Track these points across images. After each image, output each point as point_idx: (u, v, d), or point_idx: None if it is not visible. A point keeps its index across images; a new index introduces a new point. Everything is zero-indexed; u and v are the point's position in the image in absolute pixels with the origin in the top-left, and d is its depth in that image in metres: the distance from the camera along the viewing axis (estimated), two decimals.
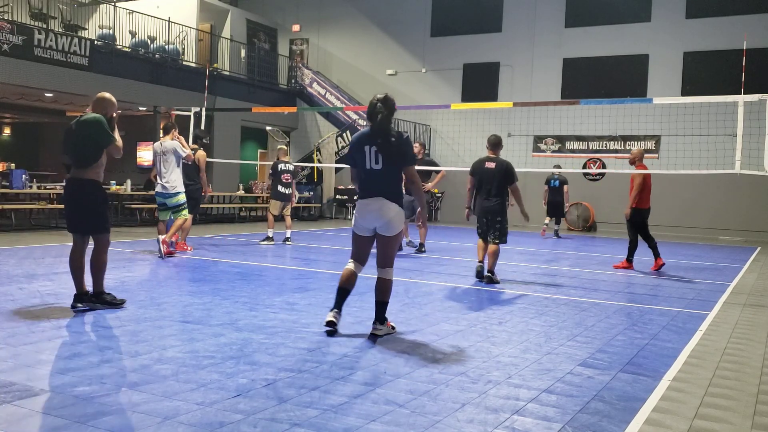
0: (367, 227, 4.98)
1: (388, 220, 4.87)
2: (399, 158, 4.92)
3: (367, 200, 4.93)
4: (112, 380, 3.66)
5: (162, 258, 8.98)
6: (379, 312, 4.99)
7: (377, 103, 4.93)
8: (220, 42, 21.25)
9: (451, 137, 20.64)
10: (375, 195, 4.90)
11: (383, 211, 4.87)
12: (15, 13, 16.48)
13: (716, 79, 17.32)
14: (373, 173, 4.91)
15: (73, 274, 5.60)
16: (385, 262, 4.99)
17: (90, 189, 5.52)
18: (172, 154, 9.37)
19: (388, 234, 4.94)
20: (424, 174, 11.21)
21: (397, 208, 4.90)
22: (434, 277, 8.39)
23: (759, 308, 6.91)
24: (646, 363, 4.49)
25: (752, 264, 11.32)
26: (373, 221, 4.92)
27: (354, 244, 5.12)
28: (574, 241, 15.12)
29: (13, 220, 12.74)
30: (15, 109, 20.14)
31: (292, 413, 3.25)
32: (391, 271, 5.02)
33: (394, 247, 5.01)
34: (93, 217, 5.54)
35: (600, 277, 9.00)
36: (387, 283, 4.99)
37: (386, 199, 4.88)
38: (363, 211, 4.95)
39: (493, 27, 21.00)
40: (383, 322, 5.00)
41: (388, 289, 4.99)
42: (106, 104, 5.72)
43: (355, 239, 5.10)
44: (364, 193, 4.97)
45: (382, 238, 4.97)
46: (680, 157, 16.75)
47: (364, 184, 4.99)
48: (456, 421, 3.25)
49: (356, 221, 5.02)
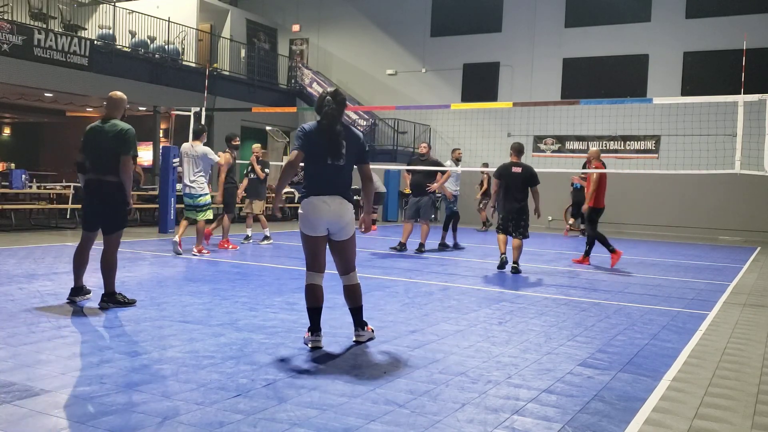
0: (321, 227, 4.52)
1: (346, 223, 4.54)
2: (357, 155, 4.62)
3: (325, 197, 4.48)
4: (112, 380, 3.66)
5: (179, 255, 9.33)
6: (356, 317, 4.76)
7: (326, 96, 4.57)
8: (220, 42, 21.25)
9: (451, 137, 20.62)
10: (334, 193, 4.50)
11: (342, 212, 4.50)
12: (15, 13, 16.48)
13: (716, 79, 17.32)
14: (333, 169, 4.51)
15: (76, 269, 5.77)
16: (348, 267, 4.67)
17: (111, 190, 5.64)
18: (201, 159, 9.52)
19: (345, 238, 4.59)
20: (430, 174, 11.20)
21: (352, 209, 4.60)
22: (434, 277, 8.39)
23: (759, 308, 6.91)
24: (646, 363, 4.49)
25: (752, 264, 11.32)
26: (329, 222, 4.50)
27: (307, 249, 4.63)
28: (574, 241, 15.12)
29: (13, 220, 12.74)
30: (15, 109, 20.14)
31: (292, 413, 3.25)
32: (356, 275, 4.72)
33: (353, 250, 4.68)
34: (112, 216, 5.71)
35: (600, 277, 9.00)
36: (356, 287, 4.71)
37: (344, 199, 4.54)
38: (319, 208, 4.47)
39: (493, 27, 20.99)
40: (364, 327, 4.79)
41: (358, 294, 4.73)
42: (123, 104, 5.99)
43: (308, 243, 4.60)
44: (321, 189, 4.50)
45: (339, 244, 4.60)
46: (680, 157, 16.73)
47: (318, 179, 4.52)
48: (456, 421, 3.25)
49: (307, 220, 4.52)
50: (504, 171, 9.05)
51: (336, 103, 4.56)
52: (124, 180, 5.64)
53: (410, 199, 11.46)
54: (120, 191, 5.66)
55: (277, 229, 15.31)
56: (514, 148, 9.12)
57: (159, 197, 13.90)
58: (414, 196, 11.25)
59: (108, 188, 5.64)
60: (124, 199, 5.71)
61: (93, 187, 5.70)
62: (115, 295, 5.72)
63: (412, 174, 11.29)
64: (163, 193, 13.44)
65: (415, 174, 11.18)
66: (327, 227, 4.55)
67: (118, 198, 5.67)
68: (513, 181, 8.95)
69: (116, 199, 5.67)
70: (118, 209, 5.71)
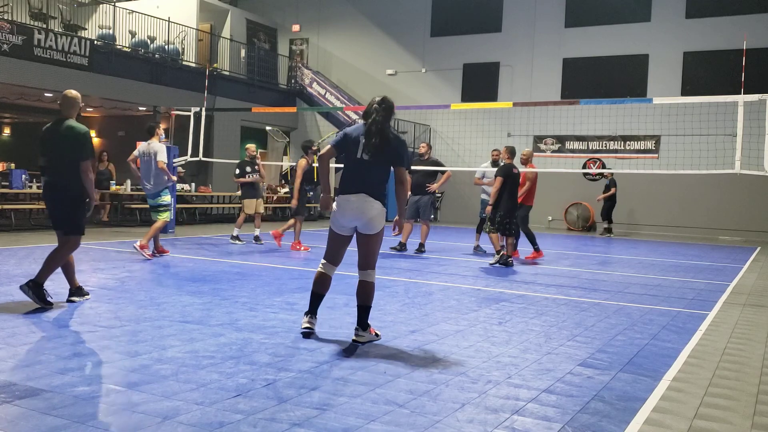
0: (347, 225, 4.73)
1: (370, 218, 4.64)
2: (393, 157, 4.72)
3: (349, 196, 4.66)
4: (112, 380, 3.66)
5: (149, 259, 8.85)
6: (361, 317, 4.74)
7: (374, 104, 4.80)
8: (220, 42, 21.25)
9: (451, 137, 20.64)
10: (358, 191, 4.66)
11: (365, 208, 4.63)
12: (15, 13, 16.48)
13: (716, 79, 17.32)
14: (362, 165, 4.68)
15: (63, 272, 5.79)
16: (367, 263, 4.75)
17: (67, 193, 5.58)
18: (155, 155, 9.05)
19: (370, 232, 4.69)
20: (430, 174, 11.23)
21: (380, 207, 4.66)
22: (434, 277, 8.39)
23: (759, 308, 6.91)
24: (646, 363, 4.49)
25: (752, 264, 11.32)
26: (353, 219, 4.67)
27: (330, 242, 4.86)
28: (574, 241, 15.12)
29: (13, 220, 12.74)
30: (15, 109, 20.13)
31: (292, 413, 3.25)
32: (374, 274, 4.77)
33: (376, 248, 4.77)
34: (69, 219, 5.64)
35: (600, 277, 9.00)
36: (369, 286, 4.74)
37: (369, 196, 4.65)
38: (344, 207, 4.68)
39: (493, 27, 21.00)
40: (366, 328, 4.75)
41: (370, 293, 4.75)
42: (77, 103, 5.86)
43: (332, 238, 4.84)
44: (348, 188, 4.70)
45: (363, 237, 4.73)
46: (680, 157, 16.74)
47: (348, 178, 4.74)
48: (456, 421, 3.25)
49: (335, 218, 4.76)
50: (507, 172, 9.49)
51: (382, 109, 4.77)
52: (86, 184, 5.56)
53: (410, 198, 11.44)
54: (77, 194, 5.57)
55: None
56: (511, 151, 9.73)
57: None
58: (413, 195, 11.26)
59: (64, 191, 5.57)
60: (80, 203, 5.62)
61: (50, 190, 5.63)
62: (41, 287, 5.57)
63: (412, 174, 11.30)
64: None
65: (415, 174, 11.19)
66: (353, 224, 4.72)
67: (75, 201, 5.58)
68: (515, 182, 9.62)
69: (73, 202, 5.58)
70: (74, 212, 5.61)
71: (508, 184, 9.47)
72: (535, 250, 10.50)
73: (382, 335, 4.94)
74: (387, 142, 4.71)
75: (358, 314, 4.77)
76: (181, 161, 13.64)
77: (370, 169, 4.69)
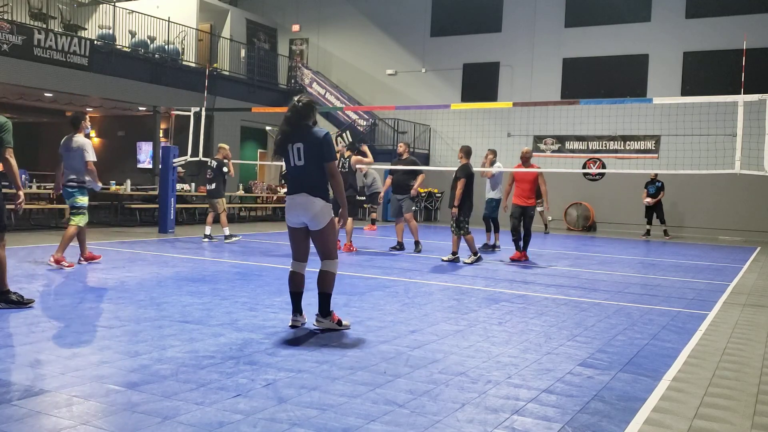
0: (295, 221, 5.05)
1: (313, 214, 4.94)
2: (318, 155, 4.96)
3: (293, 195, 5.02)
4: (112, 380, 3.66)
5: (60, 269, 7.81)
6: (321, 304, 5.07)
7: (294, 104, 5.05)
8: (219, 42, 21.25)
9: (451, 137, 20.64)
10: (299, 191, 4.98)
11: (307, 206, 4.94)
12: (15, 13, 16.47)
13: (716, 79, 17.32)
14: (297, 170, 5.00)
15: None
16: (325, 254, 5.08)
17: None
18: (76, 153, 8.01)
19: (317, 228, 4.99)
20: (409, 173, 11.27)
21: (322, 203, 4.95)
22: (434, 277, 8.39)
23: (759, 308, 6.91)
24: (646, 363, 4.49)
25: (752, 264, 11.32)
26: (299, 216, 5.00)
27: (290, 239, 5.19)
28: (574, 241, 15.12)
29: (13, 220, 12.73)
30: (15, 109, 20.13)
31: (292, 413, 3.25)
32: (333, 264, 5.07)
33: (328, 240, 5.05)
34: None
35: (600, 277, 9.00)
36: (328, 275, 5.06)
37: (309, 195, 4.94)
38: (290, 205, 5.04)
39: (493, 27, 21.00)
40: (326, 315, 5.06)
41: (329, 281, 5.06)
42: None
43: (290, 233, 5.17)
44: (291, 189, 5.06)
45: (314, 233, 5.04)
46: (680, 157, 16.74)
47: (291, 181, 5.08)
48: (456, 421, 3.25)
49: (287, 216, 5.12)
50: (468, 172, 9.74)
51: (295, 108, 5.02)
52: (9, 175, 5.47)
53: (391, 197, 11.59)
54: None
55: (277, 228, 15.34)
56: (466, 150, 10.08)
57: (159, 197, 13.89)
58: (395, 194, 11.36)
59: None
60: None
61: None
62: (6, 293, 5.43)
63: (394, 174, 11.39)
64: (162, 193, 13.43)
65: (396, 173, 11.29)
66: (300, 220, 5.01)
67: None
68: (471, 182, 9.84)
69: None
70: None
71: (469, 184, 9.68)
72: (517, 250, 10.31)
73: (382, 335, 4.94)
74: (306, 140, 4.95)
75: (319, 300, 5.08)
76: (181, 161, 13.64)
77: (305, 171, 4.98)
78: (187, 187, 16.85)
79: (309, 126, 5.04)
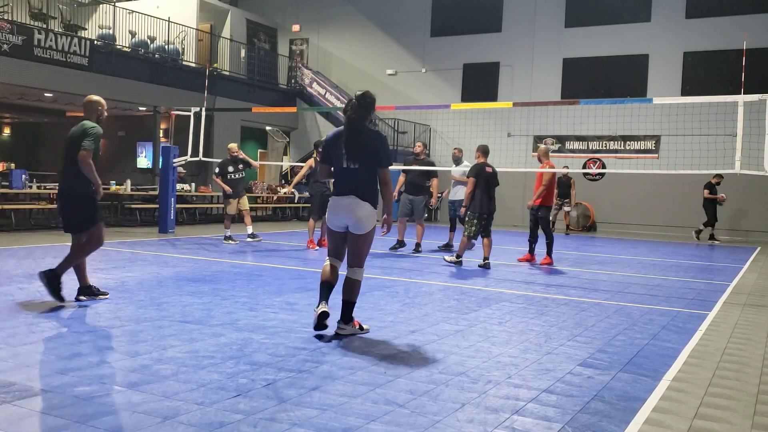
0: (338, 224, 4.95)
1: (359, 218, 4.83)
2: (374, 159, 4.87)
3: (340, 197, 4.90)
4: (112, 380, 3.66)
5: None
6: (344, 311, 4.93)
7: (352, 100, 4.90)
8: (220, 42, 21.25)
9: (451, 137, 20.63)
10: (348, 193, 4.87)
11: (353, 209, 4.83)
12: (15, 13, 16.48)
13: (716, 79, 17.32)
14: (349, 172, 4.89)
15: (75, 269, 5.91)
16: (355, 261, 4.95)
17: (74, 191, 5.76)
18: None
19: (358, 232, 4.88)
20: (424, 174, 11.24)
21: (369, 208, 4.85)
22: (434, 277, 8.39)
23: (759, 308, 6.91)
24: (646, 363, 4.49)
25: (752, 264, 11.32)
26: (343, 218, 4.88)
27: (329, 239, 5.12)
28: (574, 241, 15.12)
29: (13, 220, 12.73)
30: (15, 109, 20.13)
31: (292, 413, 3.25)
32: (360, 272, 4.95)
33: (364, 247, 4.95)
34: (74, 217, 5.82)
35: (600, 277, 9.00)
36: (355, 283, 4.93)
37: (359, 198, 4.84)
38: (335, 207, 4.93)
39: (493, 27, 21.00)
40: (348, 322, 4.94)
41: (355, 289, 4.93)
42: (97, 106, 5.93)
43: (329, 234, 5.10)
44: (338, 190, 4.94)
45: (353, 237, 4.93)
46: (680, 157, 16.74)
47: (339, 182, 4.96)
48: (456, 421, 3.25)
49: (329, 216, 5.00)
50: (479, 171, 9.23)
51: (358, 105, 4.87)
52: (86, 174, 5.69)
53: (403, 196, 11.43)
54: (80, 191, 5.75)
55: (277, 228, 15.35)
56: (482, 150, 9.43)
57: (159, 197, 13.89)
58: (408, 194, 11.27)
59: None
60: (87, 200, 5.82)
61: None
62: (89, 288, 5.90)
63: (408, 173, 11.36)
64: (163, 193, 13.43)
65: (411, 173, 11.25)
66: (344, 223, 4.90)
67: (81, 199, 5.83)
68: (491, 180, 9.32)
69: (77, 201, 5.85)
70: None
71: (480, 184, 9.21)
72: (537, 254, 10.16)
73: (382, 335, 4.94)
74: (363, 142, 4.84)
75: (342, 308, 4.94)
76: (181, 161, 13.64)
77: (357, 175, 4.88)
78: (187, 187, 16.85)
79: (367, 128, 4.92)
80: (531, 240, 10.12)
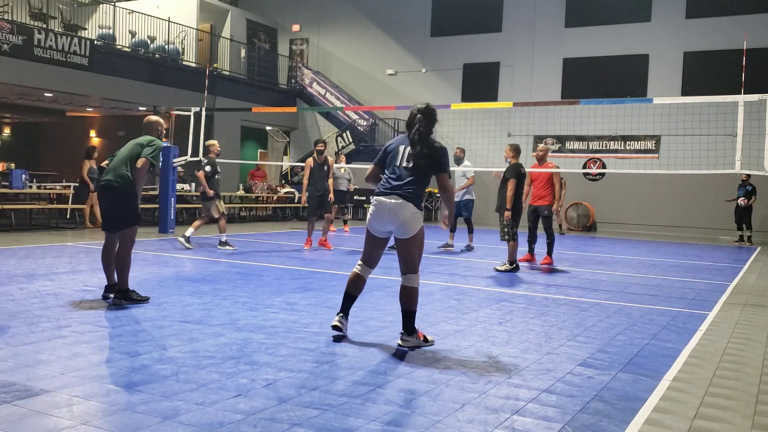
0: (381, 229, 4.68)
1: (403, 221, 4.55)
2: (434, 165, 4.66)
3: (384, 197, 4.62)
4: (112, 380, 3.66)
5: None
6: (405, 322, 4.66)
7: (417, 114, 4.70)
8: (220, 42, 21.26)
9: (451, 137, 20.62)
10: (393, 193, 4.61)
11: (398, 210, 4.55)
12: (15, 13, 16.48)
13: (716, 79, 17.32)
14: (401, 170, 4.65)
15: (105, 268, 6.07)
16: (407, 267, 4.66)
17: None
18: None
19: (405, 236, 4.60)
20: None
21: (413, 209, 4.57)
22: (434, 277, 8.39)
23: (759, 308, 6.91)
24: (646, 363, 4.49)
25: (752, 264, 11.32)
26: (387, 224, 4.62)
27: (366, 244, 4.83)
28: (574, 241, 15.12)
29: (13, 220, 12.73)
30: (15, 109, 20.14)
31: (292, 413, 3.25)
32: (416, 278, 4.67)
33: (415, 251, 4.66)
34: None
35: (600, 277, 9.00)
36: (412, 291, 4.65)
37: (403, 199, 4.57)
38: (378, 212, 4.65)
39: (493, 27, 21.00)
40: (411, 333, 4.66)
41: (414, 297, 4.66)
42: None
43: (368, 238, 4.80)
44: (382, 190, 4.67)
45: (400, 242, 4.65)
46: (680, 157, 16.74)
47: (385, 181, 4.71)
48: (456, 421, 3.25)
49: (370, 220, 4.72)
50: (520, 173, 8.97)
51: (424, 118, 4.69)
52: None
53: None
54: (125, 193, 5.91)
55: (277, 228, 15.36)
56: (516, 149, 9.15)
57: (159, 197, 13.89)
58: None
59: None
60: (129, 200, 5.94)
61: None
62: (128, 292, 5.90)
63: None
64: (163, 193, 13.44)
65: None
66: (387, 228, 4.67)
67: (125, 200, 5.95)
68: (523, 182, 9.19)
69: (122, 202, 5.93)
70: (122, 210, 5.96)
71: (520, 185, 8.97)
72: (537, 254, 10.12)
73: (382, 335, 4.94)
74: (430, 151, 4.65)
75: (403, 318, 4.69)
76: (181, 161, 13.64)
77: (408, 174, 4.64)
78: (187, 187, 16.84)
79: (433, 143, 4.71)
80: (530, 240, 10.05)
